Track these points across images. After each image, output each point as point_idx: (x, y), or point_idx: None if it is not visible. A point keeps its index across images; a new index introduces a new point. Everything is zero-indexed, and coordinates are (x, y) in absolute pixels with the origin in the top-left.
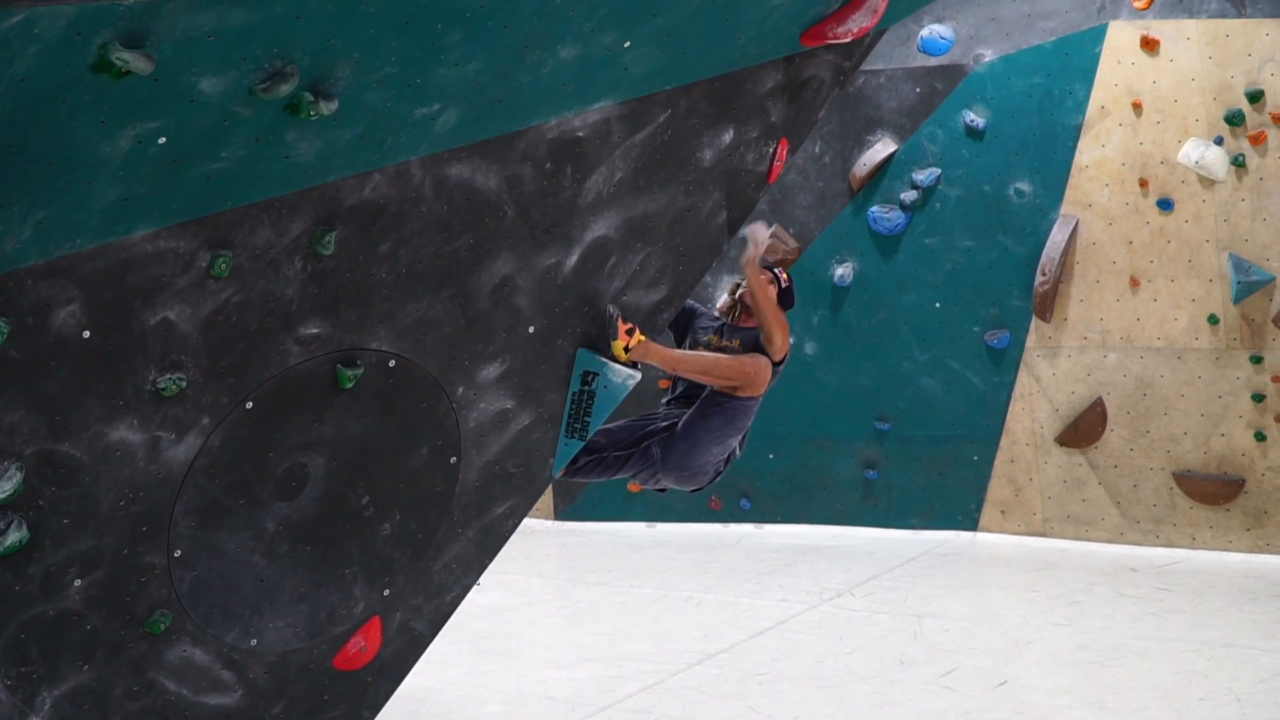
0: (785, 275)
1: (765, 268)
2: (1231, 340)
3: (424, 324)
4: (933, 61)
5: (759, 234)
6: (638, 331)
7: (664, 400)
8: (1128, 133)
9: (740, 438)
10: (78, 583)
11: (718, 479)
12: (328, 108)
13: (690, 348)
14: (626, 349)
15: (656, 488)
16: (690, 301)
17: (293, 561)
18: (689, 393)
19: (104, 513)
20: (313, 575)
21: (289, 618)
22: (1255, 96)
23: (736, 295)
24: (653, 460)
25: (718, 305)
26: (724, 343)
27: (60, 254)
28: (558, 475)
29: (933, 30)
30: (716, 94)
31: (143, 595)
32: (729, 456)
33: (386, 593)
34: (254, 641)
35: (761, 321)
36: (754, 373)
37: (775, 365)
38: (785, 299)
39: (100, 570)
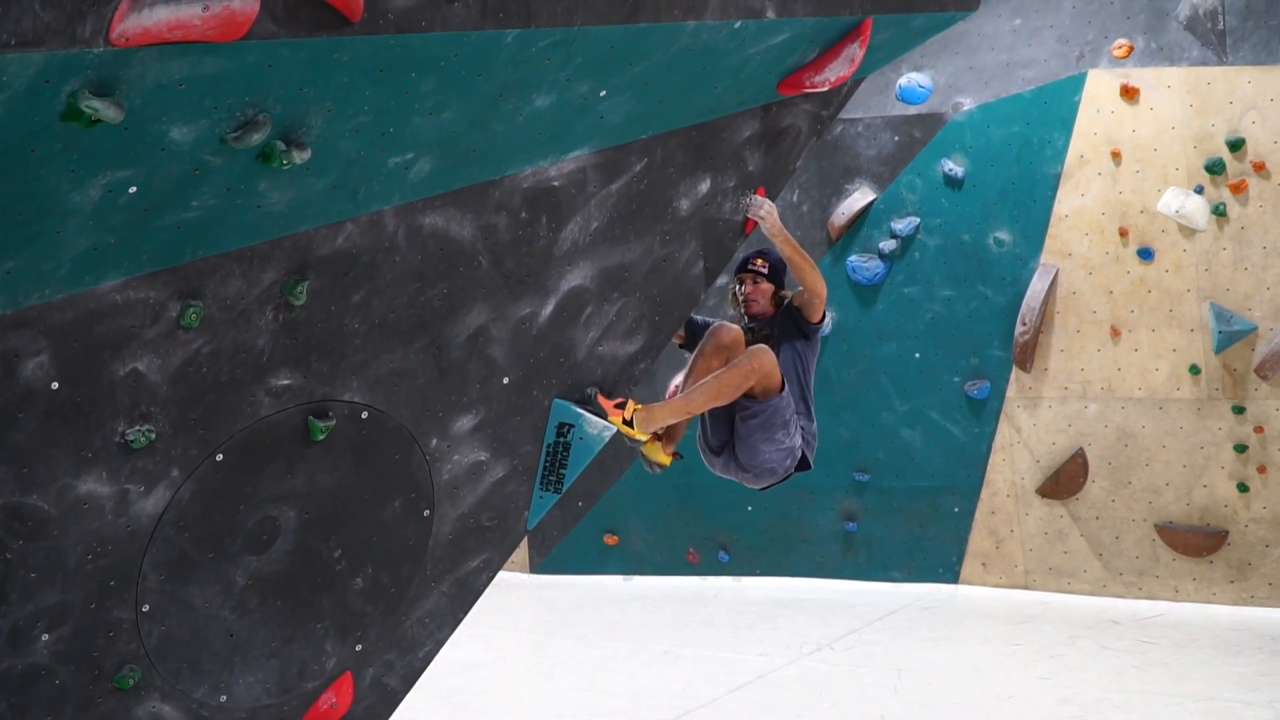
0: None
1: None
2: (1214, 390)
3: (397, 375)
4: (911, 110)
5: (763, 206)
6: (630, 402)
7: None
8: (1107, 182)
9: (792, 429)
10: (46, 637)
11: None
12: (300, 157)
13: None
14: (628, 422)
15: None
16: (694, 316)
17: (263, 616)
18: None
19: (72, 566)
20: (283, 630)
21: (259, 673)
22: (1236, 145)
23: (740, 292)
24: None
25: (730, 311)
26: (755, 339)
27: (29, 304)
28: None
29: (911, 79)
30: (693, 143)
31: (111, 650)
32: (799, 445)
33: (359, 647)
34: (224, 697)
35: (800, 275)
36: (757, 367)
37: (817, 326)
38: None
39: (68, 624)
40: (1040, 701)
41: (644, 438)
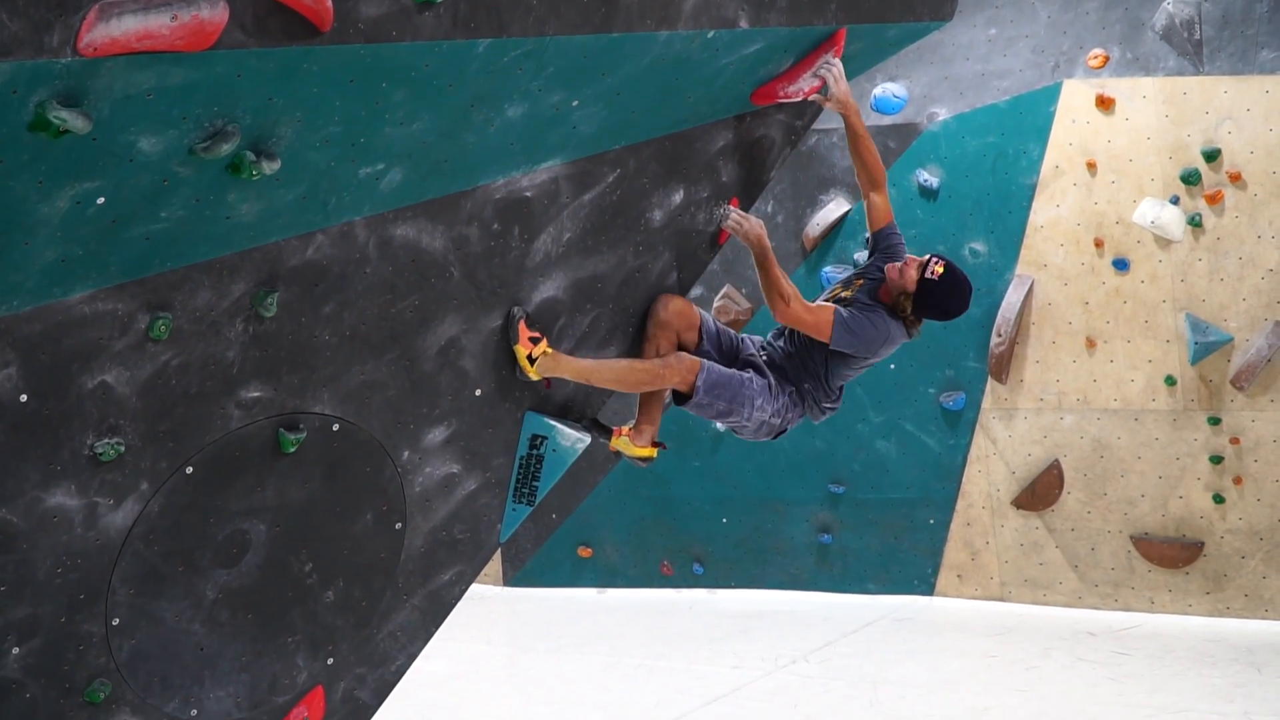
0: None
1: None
2: (1189, 402)
3: (368, 387)
4: (886, 120)
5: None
6: (544, 342)
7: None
8: (1083, 192)
9: (746, 411)
10: (15, 650)
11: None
12: (270, 167)
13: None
14: (531, 359)
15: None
16: (710, 321)
17: (234, 630)
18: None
19: (41, 580)
20: (254, 644)
21: (230, 687)
22: (1212, 155)
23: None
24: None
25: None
26: (847, 293)
27: None
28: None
29: (886, 89)
30: (666, 153)
31: (81, 664)
32: (769, 420)
33: (330, 661)
34: (194, 712)
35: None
36: (666, 376)
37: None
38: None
39: (38, 638)
40: (1016, 714)
41: (535, 377)
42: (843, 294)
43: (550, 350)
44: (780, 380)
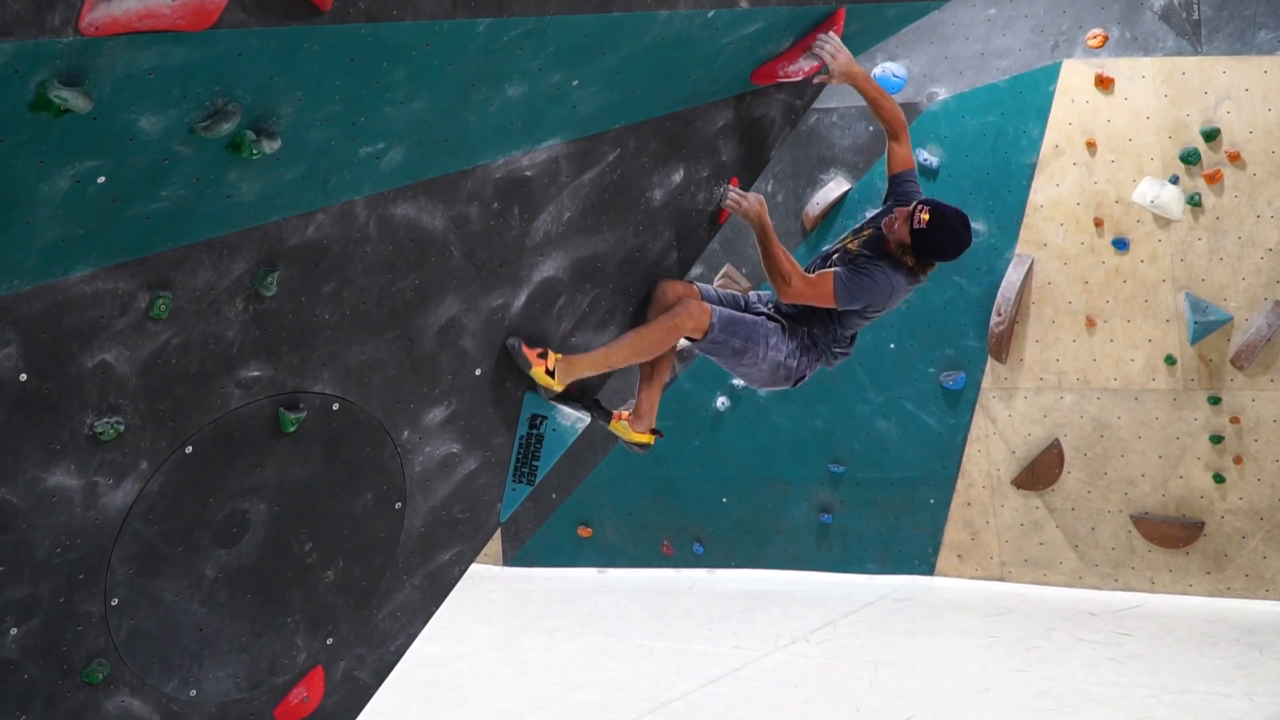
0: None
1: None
2: (1189, 381)
3: (368, 366)
4: None
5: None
6: (551, 353)
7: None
8: (1082, 172)
9: (760, 351)
10: (14, 631)
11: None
12: (270, 146)
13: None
14: (550, 372)
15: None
16: (710, 290)
17: (233, 610)
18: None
19: (40, 559)
20: (254, 624)
21: (229, 667)
22: (1211, 135)
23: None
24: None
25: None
26: (854, 245)
27: None
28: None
29: (886, 68)
30: (666, 133)
31: (80, 644)
32: (787, 361)
33: (330, 641)
34: (194, 692)
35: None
36: (680, 323)
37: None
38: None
39: (37, 618)
40: (1016, 694)
41: (559, 388)
42: (850, 245)
43: (560, 355)
44: (792, 325)
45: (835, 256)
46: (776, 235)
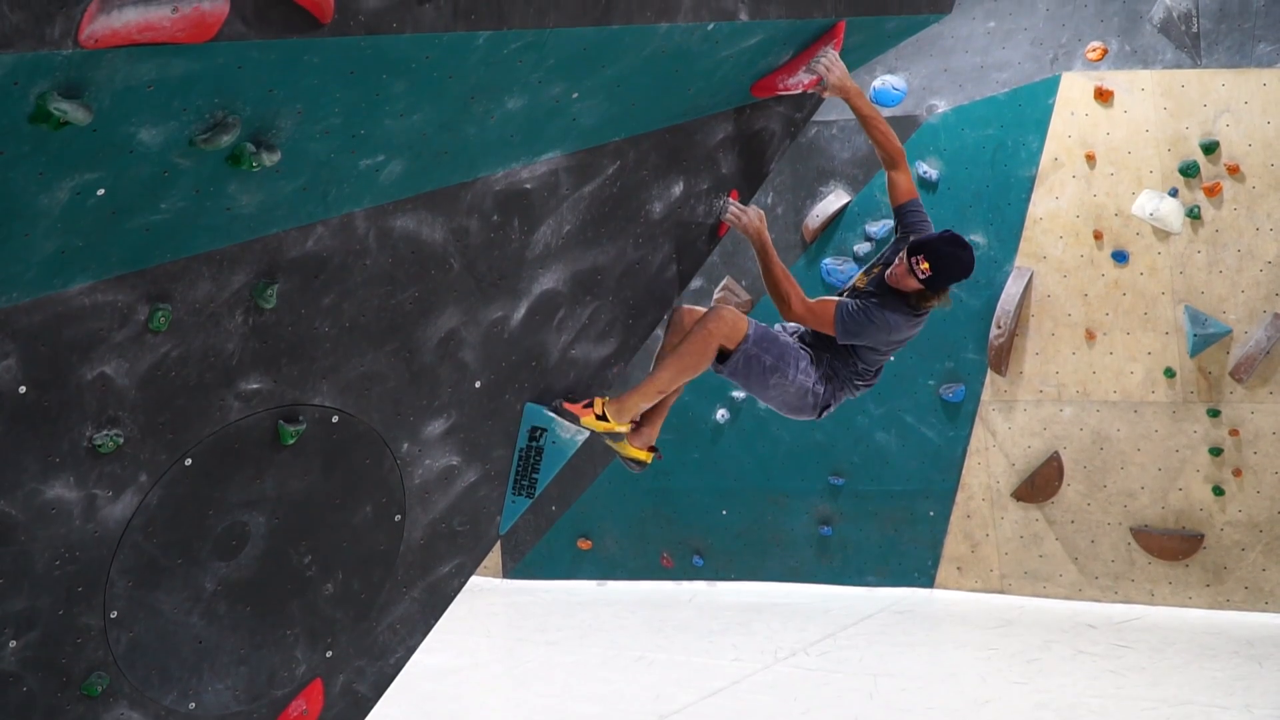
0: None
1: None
2: (1189, 394)
3: (368, 379)
4: (885, 112)
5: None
6: (598, 400)
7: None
8: (1082, 185)
9: (790, 373)
10: (13, 643)
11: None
12: (270, 159)
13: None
14: (602, 416)
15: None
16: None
17: (232, 622)
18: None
19: (39, 572)
20: (253, 636)
21: (229, 680)
22: (1210, 148)
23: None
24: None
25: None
26: (862, 283)
27: None
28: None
29: (885, 81)
30: (666, 146)
31: (79, 657)
32: (814, 387)
33: (329, 654)
34: (193, 705)
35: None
36: (714, 330)
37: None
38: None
39: (36, 631)
40: (1016, 706)
41: (624, 428)
42: (859, 284)
43: (607, 398)
44: (816, 354)
45: (845, 295)
46: (776, 250)
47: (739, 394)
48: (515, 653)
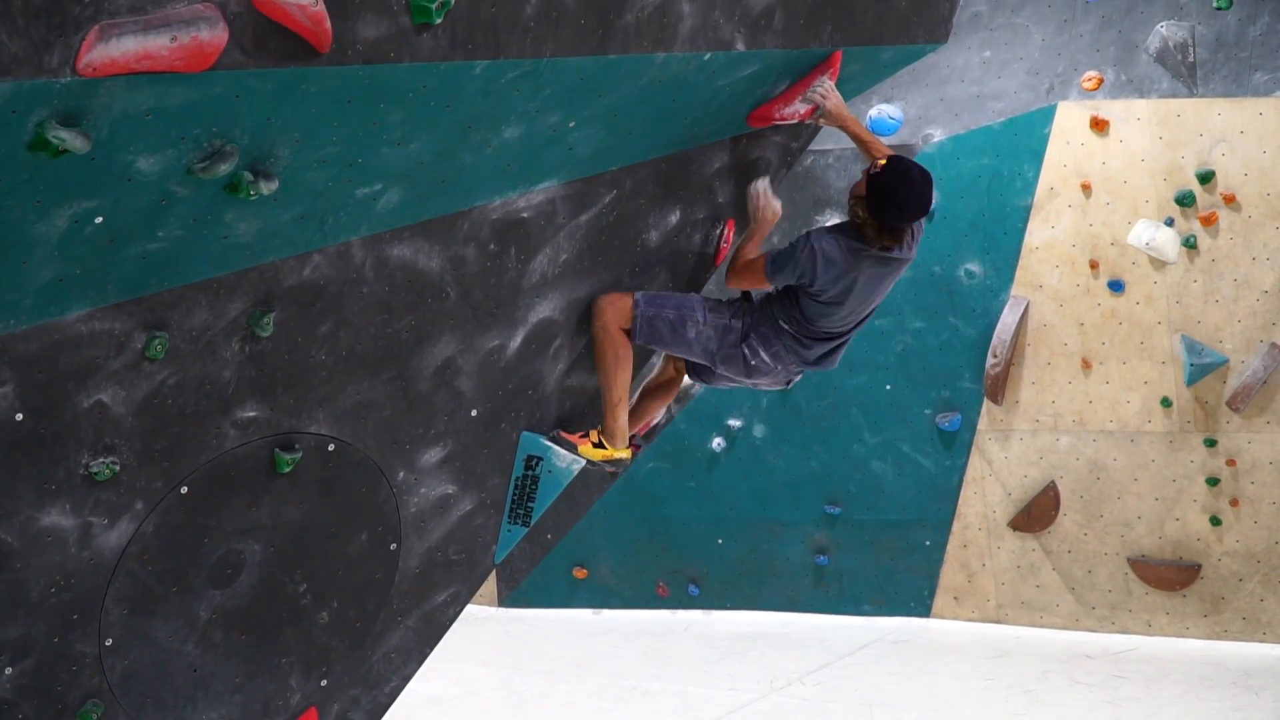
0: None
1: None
2: (1185, 423)
3: (364, 407)
4: (882, 142)
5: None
6: (593, 431)
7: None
8: (1077, 214)
9: (688, 327)
10: (8, 671)
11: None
12: (268, 187)
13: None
14: (599, 444)
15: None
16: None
17: (227, 650)
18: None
19: (35, 600)
20: (248, 665)
21: (223, 708)
22: (1206, 177)
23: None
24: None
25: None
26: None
27: None
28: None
29: (881, 110)
30: (663, 175)
31: (75, 685)
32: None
33: (324, 683)
34: None
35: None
36: (598, 322)
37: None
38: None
39: (31, 658)
40: None
41: (625, 453)
42: None
43: (601, 427)
44: (762, 309)
45: None
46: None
47: (735, 422)
48: (510, 682)
